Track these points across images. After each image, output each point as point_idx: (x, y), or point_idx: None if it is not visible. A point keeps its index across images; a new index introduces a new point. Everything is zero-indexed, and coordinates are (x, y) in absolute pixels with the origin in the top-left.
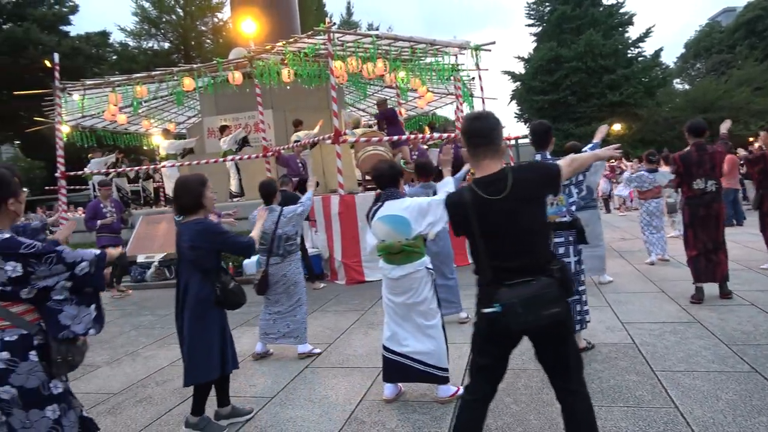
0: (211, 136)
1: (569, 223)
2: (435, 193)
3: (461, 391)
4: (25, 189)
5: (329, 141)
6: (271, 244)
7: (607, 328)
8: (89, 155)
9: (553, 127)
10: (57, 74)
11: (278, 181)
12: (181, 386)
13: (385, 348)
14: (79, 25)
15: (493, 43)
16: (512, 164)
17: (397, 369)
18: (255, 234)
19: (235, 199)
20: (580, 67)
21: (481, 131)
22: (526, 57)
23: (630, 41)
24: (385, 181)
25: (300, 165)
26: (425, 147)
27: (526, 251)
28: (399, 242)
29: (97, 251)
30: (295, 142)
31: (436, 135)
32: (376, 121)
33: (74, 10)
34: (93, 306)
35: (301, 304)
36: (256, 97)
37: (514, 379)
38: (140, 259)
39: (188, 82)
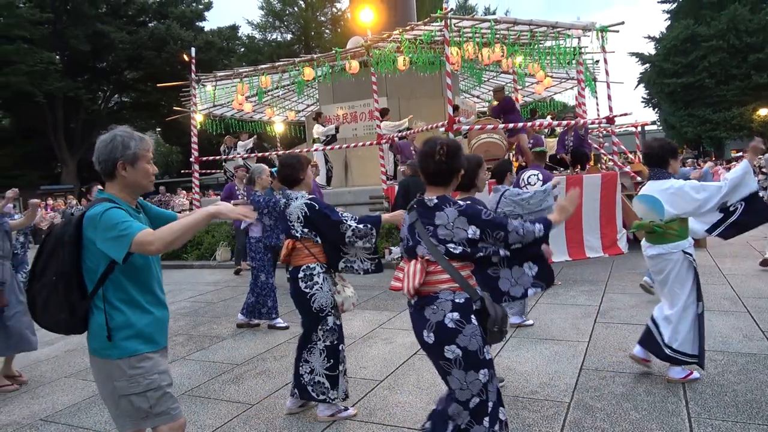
0: (328, 123)
1: None
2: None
3: (695, 374)
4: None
5: (443, 128)
6: None
7: (745, 337)
8: (236, 140)
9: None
10: (193, 67)
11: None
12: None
13: None
14: (211, 21)
15: (622, 23)
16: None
17: None
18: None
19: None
20: (720, 46)
21: None
22: (657, 37)
23: None
24: (653, 160)
25: (414, 152)
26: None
27: None
28: (650, 222)
29: (541, 225)
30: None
31: (555, 122)
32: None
33: (209, 6)
34: (527, 264)
35: None
36: (372, 85)
37: (635, 384)
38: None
39: (308, 72)
